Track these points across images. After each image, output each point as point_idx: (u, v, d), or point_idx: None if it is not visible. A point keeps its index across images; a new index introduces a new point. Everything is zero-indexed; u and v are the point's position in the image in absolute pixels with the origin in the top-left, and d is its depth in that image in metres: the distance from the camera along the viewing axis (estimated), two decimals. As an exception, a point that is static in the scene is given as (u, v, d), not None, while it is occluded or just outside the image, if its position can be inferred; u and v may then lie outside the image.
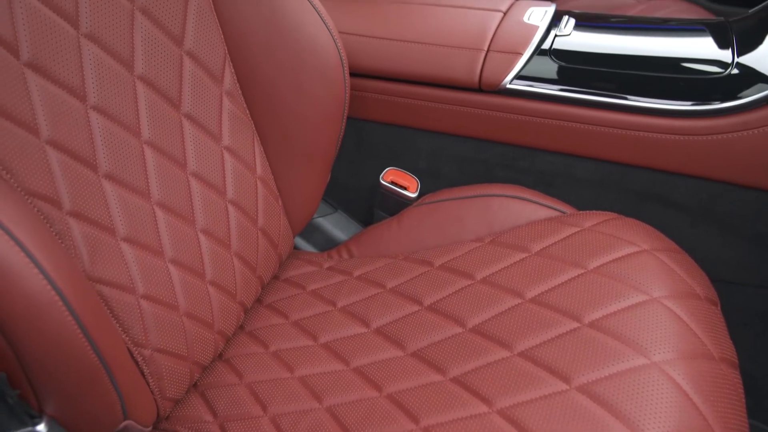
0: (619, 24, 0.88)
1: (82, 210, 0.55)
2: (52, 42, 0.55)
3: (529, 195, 0.81)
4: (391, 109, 0.88)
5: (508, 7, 0.89)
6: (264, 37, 0.72)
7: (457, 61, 0.81)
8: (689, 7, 1.44)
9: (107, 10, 0.59)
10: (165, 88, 0.65)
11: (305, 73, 0.74)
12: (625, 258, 0.68)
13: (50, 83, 0.54)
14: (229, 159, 0.72)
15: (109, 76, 0.59)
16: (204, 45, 0.69)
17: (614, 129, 0.77)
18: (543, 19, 0.85)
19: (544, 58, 0.80)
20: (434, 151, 0.90)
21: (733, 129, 0.71)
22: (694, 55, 0.78)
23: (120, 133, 0.60)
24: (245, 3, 0.71)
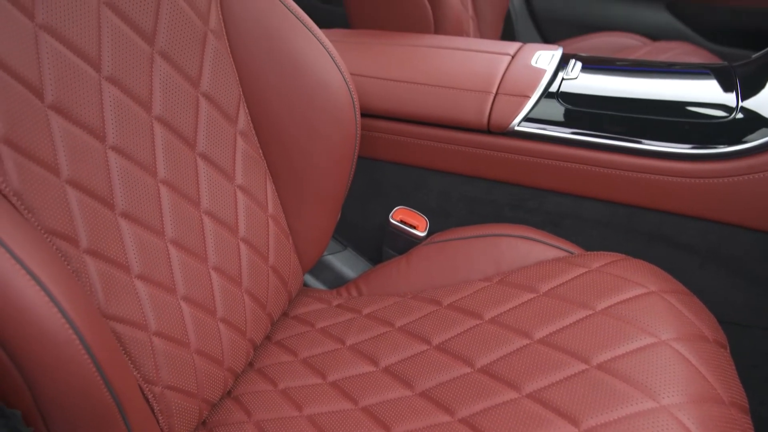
0: (625, 67, 0.90)
1: (98, 248, 0.56)
2: (75, 85, 0.57)
3: (538, 235, 0.82)
4: (401, 149, 0.90)
5: (516, 50, 0.91)
6: (278, 79, 0.74)
7: (467, 103, 0.83)
8: (694, 50, 1.47)
9: (128, 53, 0.61)
10: (181, 128, 0.66)
11: (317, 113, 0.76)
12: (633, 299, 0.69)
13: (72, 124, 0.56)
14: (241, 198, 0.73)
15: (128, 117, 0.61)
16: (220, 87, 0.71)
17: (621, 171, 0.78)
18: (550, 63, 0.87)
19: (552, 101, 0.82)
20: (443, 190, 0.91)
21: (739, 173, 0.72)
22: (699, 99, 0.80)
23: (137, 173, 0.61)
24: (260, 46, 0.73)
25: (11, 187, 0.50)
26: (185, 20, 0.67)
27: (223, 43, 0.71)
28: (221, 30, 0.71)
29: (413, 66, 0.89)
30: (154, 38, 0.64)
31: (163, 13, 0.65)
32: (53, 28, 0.55)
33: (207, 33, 0.69)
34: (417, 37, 1.00)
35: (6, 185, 0.50)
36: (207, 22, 0.69)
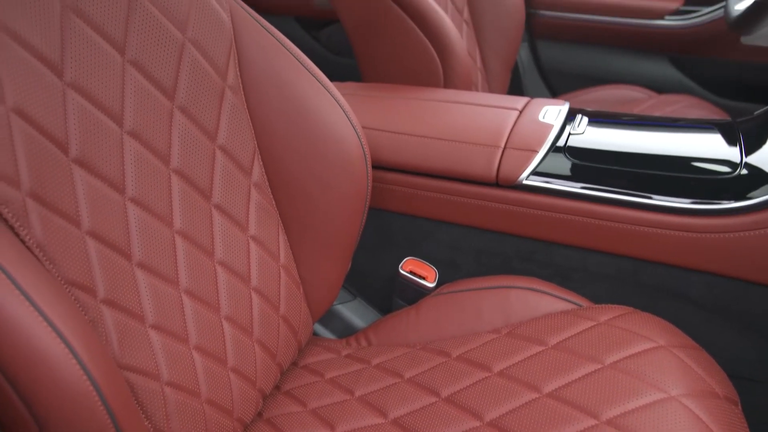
0: (630, 122, 0.92)
1: (114, 298, 0.58)
2: (99, 139, 0.59)
3: (546, 287, 0.83)
4: (411, 200, 0.92)
5: (523, 105, 0.93)
6: (292, 133, 0.76)
7: (476, 157, 0.85)
8: (698, 103, 1.49)
9: (149, 108, 0.64)
10: (198, 180, 0.68)
11: (330, 166, 0.78)
12: (641, 354, 0.69)
13: (94, 177, 0.58)
14: (254, 248, 0.74)
15: (147, 170, 0.63)
16: (235, 140, 0.73)
17: (628, 225, 0.79)
18: (557, 118, 0.89)
19: (559, 155, 0.84)
20: (453, 242, 0.92)
21: (744, 228, 0.73)
22: (703, 154, 0.81)
23: (154, 224, 0.63)
24: (275, 101, 0.75)
25: (35, 239, 0.52)
26: (204, 76, 0.69)
27: (239, 98, 0.74)
28: (238, 85, 0.74)
29: (424, 120, 0.92)
30: (174, 94, 0.66)
31: (184, 70, 0.67)
32: (80, 85, 0.57)
33: (225, 88, 0.72)
34: (427, 91, 1.02)
35: (30, 238, 0.51)
36: (225, 78, 0.72)
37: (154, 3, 0.65)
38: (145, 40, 0.64)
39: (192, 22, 0.68)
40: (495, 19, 1.44)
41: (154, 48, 0.64)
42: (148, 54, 0.64)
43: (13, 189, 0.51)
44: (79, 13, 0.58)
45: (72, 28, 0.58)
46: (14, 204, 0.51)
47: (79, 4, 0.58)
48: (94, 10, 0.60)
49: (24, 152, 0.52)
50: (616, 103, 1.54)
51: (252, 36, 0.75)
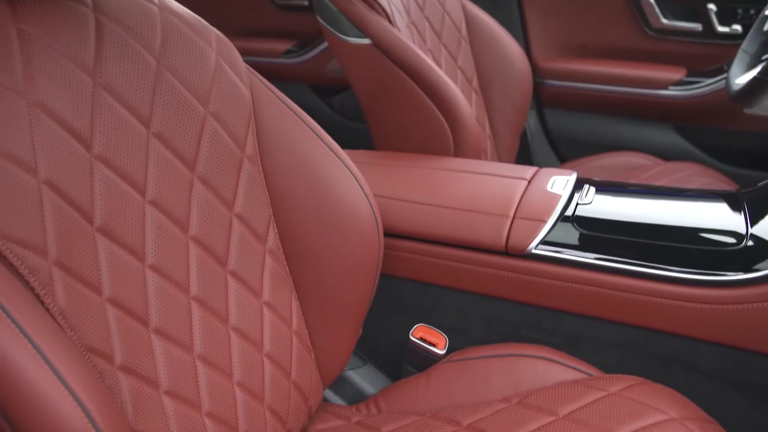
0: (637, 191, 0.94)
1: (131, 364, 0.59)
2: (122, 209, 0.61)
3: (556, 356, 0.83)
4: (422, 267, 0.93)
5: (532, 175, 0.96)
6: (306, 201, 0.78)
7: (485, 226, 0.87)
8: (704, 170, 1.51)
9: (170, 179, 0.66)
10: (215, 247, 0.70)
11: (343, 234, 0.79)
12: (653, 426, 0.69)
13: (116, 246, 0.60)
14: (267, 314, 0.75)
15: (167, 238, 0.65)
16: (252, 208, 0.75)
17: (636, 295, 0.80)
18: (565, 188, 0.91)
19: (567, 225, 0.86)
20: (462, 309, 0.93)
21: (751, 300, 0.74)
22: (710, 225, 0.83)
23: (171, 290, 0.65)
24: (291, 170, 0.78)
25: (58, 307, 0.53)
26: (224, 147, 0.72)
27: (257, 168, 0.76)
28: (256, 155, 0.76)
29: (434, 188, 0.94)
30: (195, 164, 0.69)
31: (205, 142, 0.70)
32: (107, 158, 0.60)
33: (243, 158, 0.74)
34: (437, 159, 1.05)
35: (54, 305, 0.53)
36: (244, 149, 0.75)
37: (178, 78, 0.68)
38: (170, 113, 0.67)
39: (214, 95, 0.71)
40: (503, 88, 1.48)
41: (177, 121, 0.67)
42: (172, 127, 0.67)
43: (40, 258, 0.53)
44: (109, 90, 0.62)
45: (102, 104, 0.61)
46: (41, 273, 0.53)
47: (109, 81, 0.62)
48: (123, 86, 0.63)
49: (52, 223, 0.54)
50: (623, 169, 1.56)
51: (270, 108, 0.78)
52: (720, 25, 1.63)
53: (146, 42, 0.66)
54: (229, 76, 0.74)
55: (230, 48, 0.77)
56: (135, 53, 0.65)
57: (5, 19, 0.56)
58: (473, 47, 1.47)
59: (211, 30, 0.75)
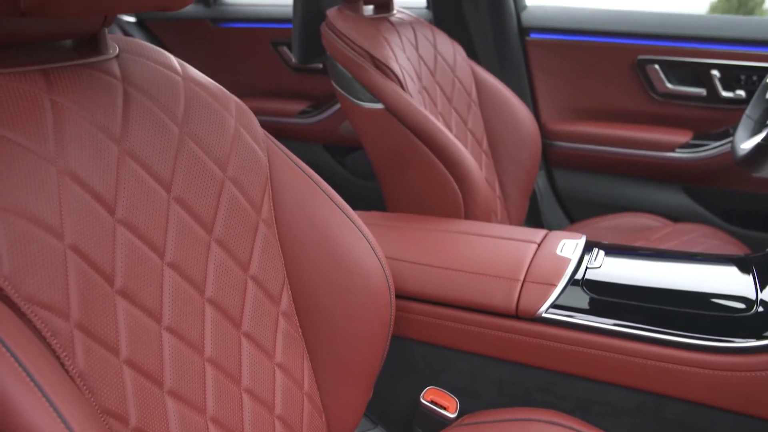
0: (647, 255, 0.95)
1: (145, 426, 0.59)
2: (142, 271, 0.63)
3: (568, 421, 0.82)
4: (433, 330, 0.94)
5: (541, 238, 0.97)
6: (319, 264, 0.80)
7: (496, 290, 0.88)
8: (713, 232, 1.52)
9: (189, 242, 0.68)
10: (229, 309, 0.72)
11: (355, 296, 0.81)
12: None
13: (135, 308, 0.61)
14: (279, 376, 0.76)
15: (184, 300, 0.66)
16: (267, 270, 0.77)
17: (646, 360, 0.80)
18: (574, 252, 0.92)
19: (577, 289, 0.86)
20: (473, 372, 0.93)
21: (761, 368, 0.74)
22: (720, 291, 0.83)
23: (186, 352, 0.66)
24: (304, 233, 0.80)
25: (77, 369, 0.54)
26: (241, 211, 0.74)
27: (272, 231, 0.78)
28: (271, 218, 0.78)
29: (445, 251, 0.96)
30: (212, 227, 0.71)
31: (223, 205, 0.72)
32: (129, 222, 0.62)
33: (259, 221, 0.76)
34: (448, 222, 1.07)
35: (73, 367, 0.54)
36: (260, 212, 0.77)
37: (199, 144, 0.71)
38: (190, 178, 0.69)
39: (233, 161, 0.74)
40: (513, 150, 1.51)
41: (197, 186, 0.70)
42: (192, 191, 0.69)
43: (63, 321, 0.54)
44: (133, 156, 0.64)
45: (126, 170, 0.63)
46: (63, 335, 0.54)
47: (134, 148, 0.65)
48: (147, 153, 0.66)
49: (76, 286, 0.56)
50: (632, 231, 1.57)
51: (285, 172, 0.80)
52: (724, 90, 1.66)
53: (170, 110, 0.69)
54: (248, 142, 0.77)
55: (249, 115, 0.80)
56: (159, 121, 0.68)
57: (40, 90, 0.59)
58: (483, 110, 1.51)
59: (231, 98, 0.78)
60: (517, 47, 1.83)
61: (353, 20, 1.25)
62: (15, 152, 0.55)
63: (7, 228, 0.52)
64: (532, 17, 1.84)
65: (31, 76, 0.60)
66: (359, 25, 1.24)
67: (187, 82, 0.73)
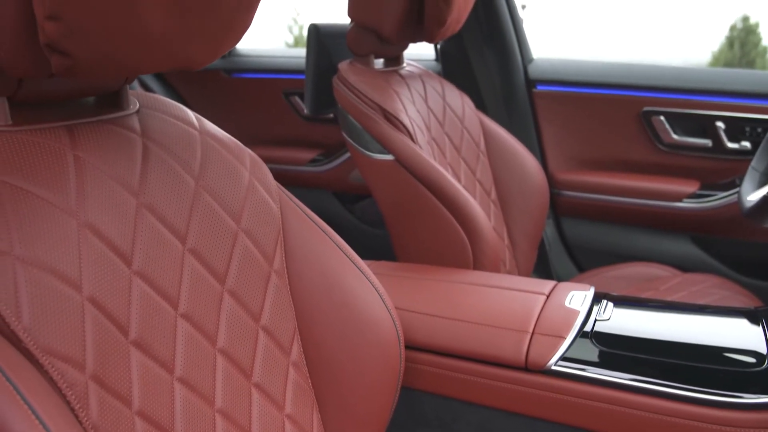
0: (656, 307, 0.95)
1: (155, 478, 0.59)
2: (156, 322, 0.64)
3: (578, 476, 0.82)
4: (442, 381, 0.93)
5: (550, 290, 0.98)
6: (330, 315, 0.81)
7: (505, 341, 0.88)
8: (722, 282, 1.52)
9: (202, 293, 0.69)
10: (240, 359, 0.72)
11: (365, 347, 0.81)
12: None
13: (148, 358, 0.62)
14: (289, 427, 0.76)
15: (195, 350, 0.67)
16: (278, 321, 0.77)
17: (656, 414, 0.80)
18: (583, 304, 0.93)
19: (586, 342, 0.86)
20: (483, 424, 0.93)
21: (773, 425, 0.73)
22: (730, 344, 0.83)
23: (197, 403, 0.66)
24: (315, 283, 0.81)
25: (91, 420, 0.55)
26: (253, 262, 0.75)
27: (283, 281, 0.79)
28: (283, 269, 0.80)
29: (454, 302, 0.96)
30: (225, 278, 0.72)
31: (236, 257, 0.74)
32: (145, 273, 0.64)
33: (271, 272, 0.78)
34: (457, 273, 1.08)
35: (87, 419, 0.55)
36: (272, 263, 0.78)
37: (214, 197, 0.73)
38: (204, 230, 0.71)
39: (246, 213, 0.76)
40: (521, 199, 1.53)
41: (211, 237, 0.71)
42: (206, 243, 0.71)
43: (78, 373, 0.55)
44: (151, 209, 0.66)
45: (143, 222, 0.65)
46: (78, 387, 0.55)
47: (151, 201, 0.66)
48: (163, 205, 0.67)
49: (92, 338, 0.57)
50: (640, 280, 1.57)
51: (297, 223, 0.82)
52: (729, 141, 1.69)
53: (187, 164, 0.72)
54: (261, 195, 0.78)
55: (263, 167, 0.82)
56: (176, 175, 0.70)
57: (64, 146, 0.61)
58: (491, 160, 1.53)
59: (245, 151, 0.81)
60: (524, 98, 1.87)
61: (364, 73, 1.29)
62: (39, 206, 0.57)
63: (29, 280, 0.54)
64: (538, 69, 1.88)
65: (56, 132, 0.62)
66: (370, 79, 1.28)
67: (204, 136, 0.76)
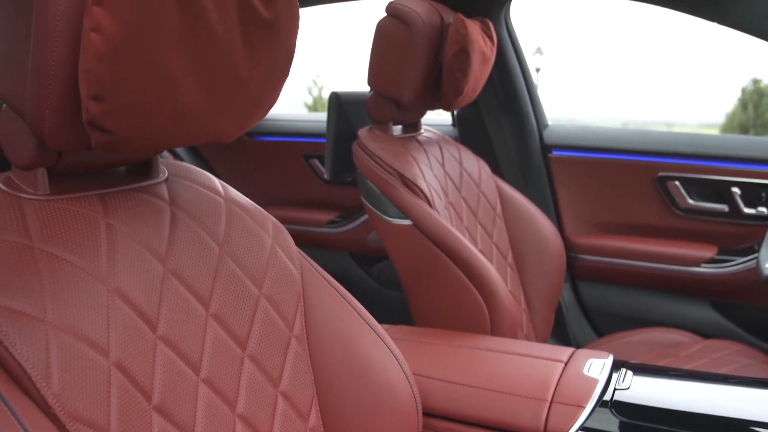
0: (677, 376, 0.94)
1: None
2: (178, 387, 0.65)
3: None
4: (460, 450, 0.93)
5: (568, 357, 0.97)
6: (348, 380, 0.81)
7: (523, 410, 0.87)
8: (745, 350, 1.50)
9: (224, 357, 0.70)
10: (259, 425, 0.72)
11: (382, 414, 0.81)
12: None
13: (169, 424, 0.63)
14: (306, 496, 0.75)
15: (216, 416, 0.68)
16: (296, 386, 0.78)
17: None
18: (602, 372, 0.92)
19: (605, 411, 0.86)
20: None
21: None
22: (756, 417, 0.82)
23: (216, 469, 0.66)
24: (334, 349, 0.81)
25: None
26: (274, 328, 0.76)
27: (303, 347, 0.80)
28: (303, 335, 0.81)
29: (472, 369, 0.96)
30: (246, 344, 0.73)
31: (257, 322, 0.75)
32: (169, 338, 0.65)
33: (291, 338, 0.79)
34: (475, 338, 1.08)
35: None
36: (292, 329, 0.79)
37: (237, 263, 0.75)
38: (227, 296, 0.72)
39: (268, 279, 0.77)
40: (537, 263, 1.54)
41: (233, 303, 0.73)
42: (228, 308, 0.72)
43: None
44: (176, 275, 0.68)
45: (169, 288, 0.67)
46: None
47: (177, 267, 0.68)
48: (189, 271, 0.69)
49: (116, 403, 0.58)
50: (660, 347, 1.56)
51: (317, 289, 0.83)
52: (746, 207, 1.69)
53: (212, 231, 0.74)
54: (283, 261, 0.80)
55: (284, 234, 0.84)
56: (202, 241, 0.72)
57: (98, 215, 0.64)
58: (507, 224, 1.55)
59: (268, 218, 0.83)
60: (539, 163, 1.90)
61: (383, 140, 1.32)
62: (72, 273, 0.59)
63: (60, 346, 0.55)
64: (553, 135, 1.91)
65: (90, 201, 0.65)
66: (389, 145, 1.31)
67: (229, 203, 0.78)
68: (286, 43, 0.67)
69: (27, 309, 0.55)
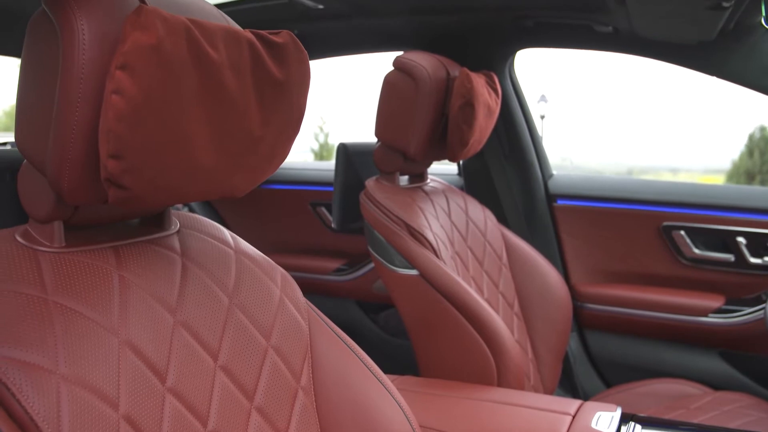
0: (688, 430, 0.94)
1: None
2: (185, 440, 0.65)
3: None
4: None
5: (575, 410, 0.97)
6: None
7: (531, 464, 0.87)
8: (756, 403, 1.48)
9: (231, 410, 0.70)
10: (265, 479, 0.72)
11: None
12: None
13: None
14: None
15: None
16: (303, 438, 0.78)
17: None
18: (610, 426, 0.91)
19: (615, 466, 0.85)
20: None
21: None
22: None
23: None
24: (341, 401, 0.81)
25: None
26: (281, 379, 0.77)
27: (310, 399, 0.80)
28: (310, 386, 0.81)
29: (479, 422, 0.95)
30: (254, 395, 0.74)
31: (265, 373, 0.75)
32: (178, 390, 0.66)
33: (298, 389, 0.79)
34: (482, 390, 1.08)
35: None
36: (299, 380, 0.79)
37: (246, 314, 0.76)
38: (236, 347, 0.73)
39: (276, 330, 0.78)
40: (544, 312, 1.53)
41: (241, 354, 0.73)
42: (236, 360, 0.73)
43: None
44: (186, 326, 0.69)
45: (179, 339, 0.68)
46: None
47: (187, 319, 0.69)
48: (198, 323, 0.70)
49: (125, 456, 0.58)
50: (669, 398, 1.54)
51: (325, 340, 0.83)
52: (752, 256, 1.69)
53: (222, 282, 0.75)
54: (291, 312, 0.81)
55: (292, 285, 0.85)
56: (211, 293, 0.73)
57: (110, 267, 0.65)
58: (513, 273, 1.55)
59: (277, 269, 0.84)
60: (545, 213, 1.91)
61: (390, 190, 1.34)
62: (85, 325, 0.60)
63: (71, 399, 0.56)
64: (558, 185, 1.93)
65: (104, 253, 0.66)
66: (395, 196, 1.33)
67: (239, 255, 0.80)
68: (298, 102, 0.70)
69: (40, 361, 0.56)
